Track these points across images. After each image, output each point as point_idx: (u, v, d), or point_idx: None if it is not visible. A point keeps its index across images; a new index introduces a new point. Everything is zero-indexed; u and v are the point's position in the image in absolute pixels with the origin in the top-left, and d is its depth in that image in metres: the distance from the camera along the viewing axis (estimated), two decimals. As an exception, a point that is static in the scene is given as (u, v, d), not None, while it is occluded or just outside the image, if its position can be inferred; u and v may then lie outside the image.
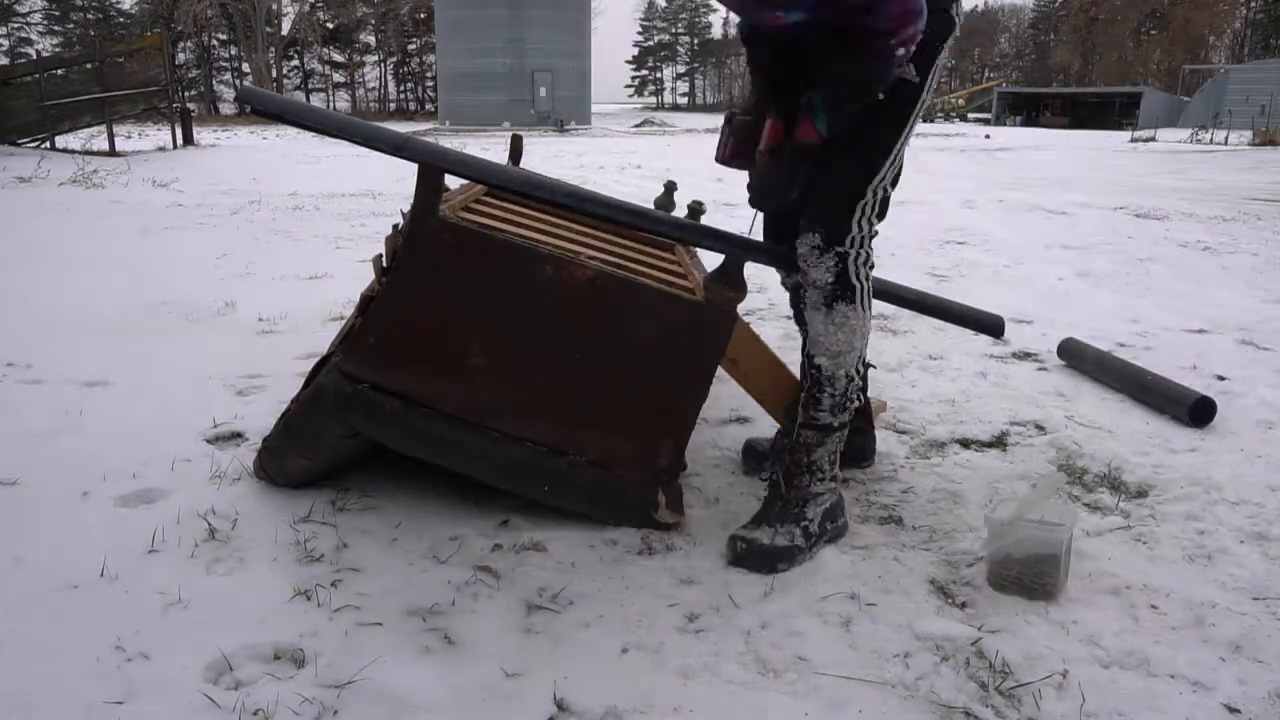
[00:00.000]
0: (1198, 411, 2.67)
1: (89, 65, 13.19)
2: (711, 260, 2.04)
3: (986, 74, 66.20)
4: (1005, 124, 40.30)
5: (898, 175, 1.92)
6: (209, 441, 2.36)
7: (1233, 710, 1.41)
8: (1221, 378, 3.16)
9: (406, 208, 1.90)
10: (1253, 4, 57.40)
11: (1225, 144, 22.90)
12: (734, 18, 2.00)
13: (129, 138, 15.60)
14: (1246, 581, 1.79)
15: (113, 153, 12.21)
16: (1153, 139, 25.06)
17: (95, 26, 47.54)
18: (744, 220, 2.29)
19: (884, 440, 2.48)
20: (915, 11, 1.64)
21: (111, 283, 4.11)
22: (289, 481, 2.04)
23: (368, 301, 1.91)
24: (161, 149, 14.03)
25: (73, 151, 11.80)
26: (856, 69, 1.73)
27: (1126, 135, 27.37)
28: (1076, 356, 3.26)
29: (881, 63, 1.69)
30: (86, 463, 2.16)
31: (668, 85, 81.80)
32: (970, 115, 45.55)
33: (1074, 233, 6.87)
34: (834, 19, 1.70)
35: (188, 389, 2.77)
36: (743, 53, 2.22)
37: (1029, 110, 44.33)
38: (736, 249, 1.93)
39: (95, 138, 12.99)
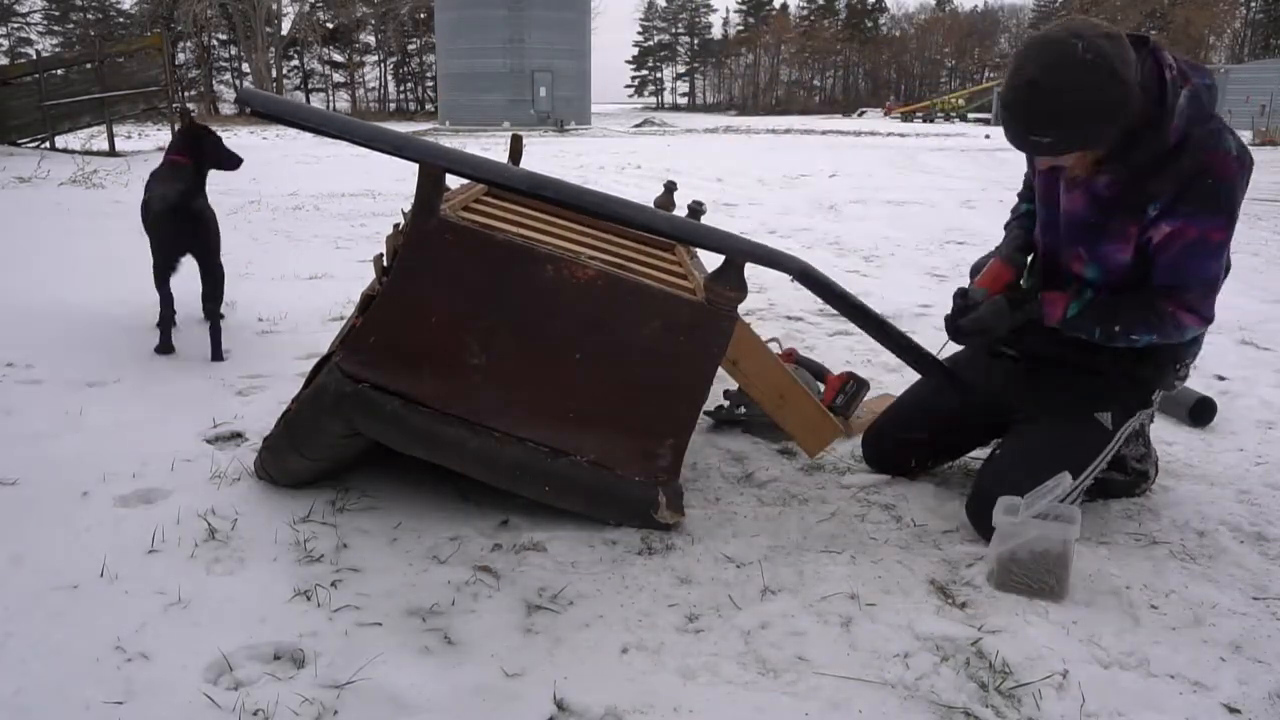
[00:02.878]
0: (1198, 412, 2.67)
1: (89, 65, 13.16)
2: (711, 260, 2.04)
3: (986, 74, 66.16)
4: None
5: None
6: (209, 441, 2.36)
7: (1233, 710, 1.41)
8: (1221, 378, 3.16)
9: (407, 207, 1.90)
10: (1253, 4, 57.41)
11: (1225, 144, 22.85)
12: (734, 18, 2.09)
13: (129, 138, 15.57)
14: (1246, 581, 1.79)
15: (113, 153, 12.19)
16: (1153, 139, 25.00)
17: (95, 26, 47.50)
18: (744, 220, 2.29)
19: (884, 440, 2.48)
20: (1205, 317, 1.79)
21: (111, 283, 4.11)
22: (289, 481, 2.04)
23: (368, 301, 1.91)
24: (161, 149, 14.02)
25: (73, 151, 11.78)
26: (1130, 310, 1.82)
27: (1126, 135, 27.28)
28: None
29: (1153, 323, 1.80)
30: (86, 463, 2.16)
31: (668, 85, 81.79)
32: (970, 115, 45.44)
33: (1074, 233, 6.85)
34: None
35: (188, 389, 2.77)
36: (741, 53, 2.25)
37: (1029, 110, 44.18)
38: (737, 249, 1.93)
39: (95, 138, 12.96)
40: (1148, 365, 1.92)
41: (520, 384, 1.87)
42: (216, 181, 3.42)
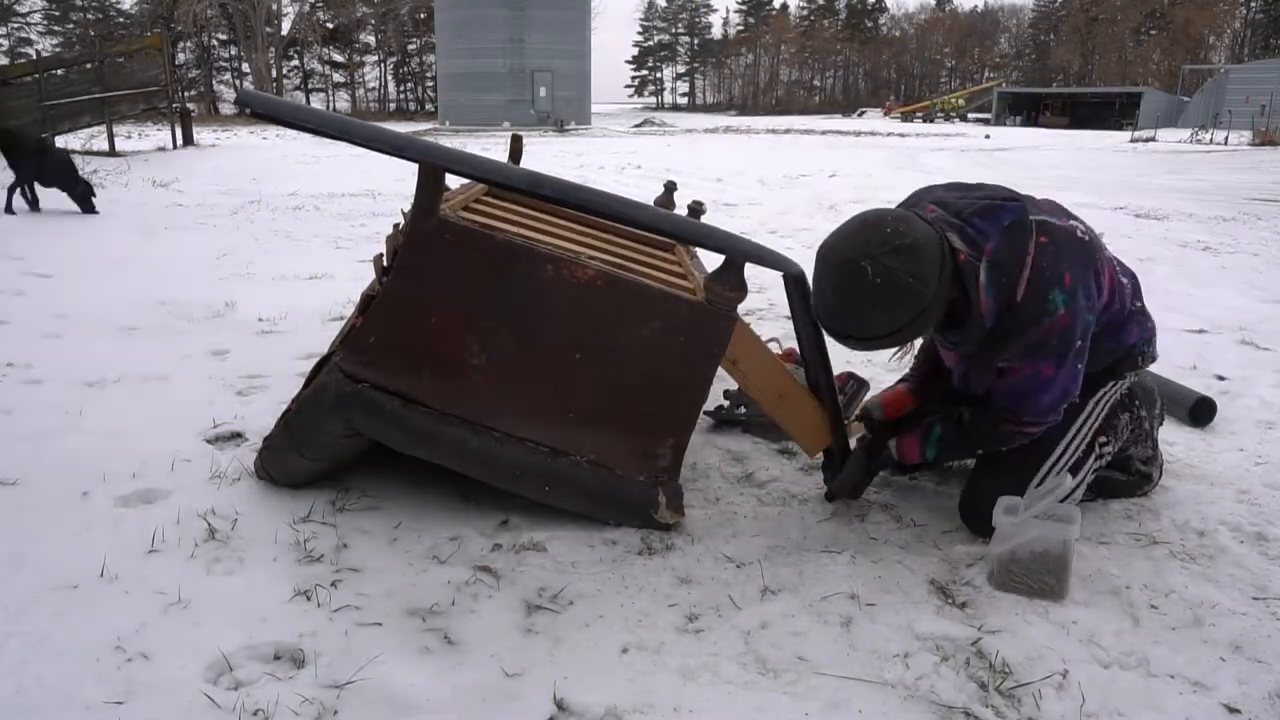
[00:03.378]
0: (1198, 411, 2.67)
1: (89, 65, 13.16)
2: (711, 260, 2.04)
3: (986, 74, 66.15)
4: (1006, 124, 40.25)
5: None
6: (209, 441, 2.36)
7: (1232, 710, 1.41)
8: (1221, 378, 3.16)
9: (407, 207, 1.90)
10: (1253, 4, 57.41)
11: (1225, 144, 22.85)
12: (734, 18, 2.08)
13: (129, 138, 15.58)
14: (1246, 581, 1.79)
15: (113, 153, 12.19)
16: (1153, 139, 25.03)
17: (95, 26, 47.48)
18: (744, 220, 2.29)
19: (884, 440, 2.48)
20: (1046, 423, 1.83)
21: (111, 283, 4.11)
22: (289, 481, 2.04)
23: (368, 301, 1.91)
24: (161, 149, 14.02)
25: (73, 151, 11.77)
26: (979, 438, 1.90)
27: (1126, 135, 27.30)
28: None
29: (1001, 441, 1.87)
30: (86, 463, 2.16)
31: (668, 85, 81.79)
32: (970, 115, 45.44)
33: (1074, 233, 6.84)
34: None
35: (188, 389, 2.77)
36: (741, 53, 2.25)
37: (1029, 110, 44.26)
38: (738, 249, 1.93)
39: (95, 138, 12.97)
40: (1105, 365, 1.93)
41: (520, 384, 1.87)
42: (217, 181, 3.43)
